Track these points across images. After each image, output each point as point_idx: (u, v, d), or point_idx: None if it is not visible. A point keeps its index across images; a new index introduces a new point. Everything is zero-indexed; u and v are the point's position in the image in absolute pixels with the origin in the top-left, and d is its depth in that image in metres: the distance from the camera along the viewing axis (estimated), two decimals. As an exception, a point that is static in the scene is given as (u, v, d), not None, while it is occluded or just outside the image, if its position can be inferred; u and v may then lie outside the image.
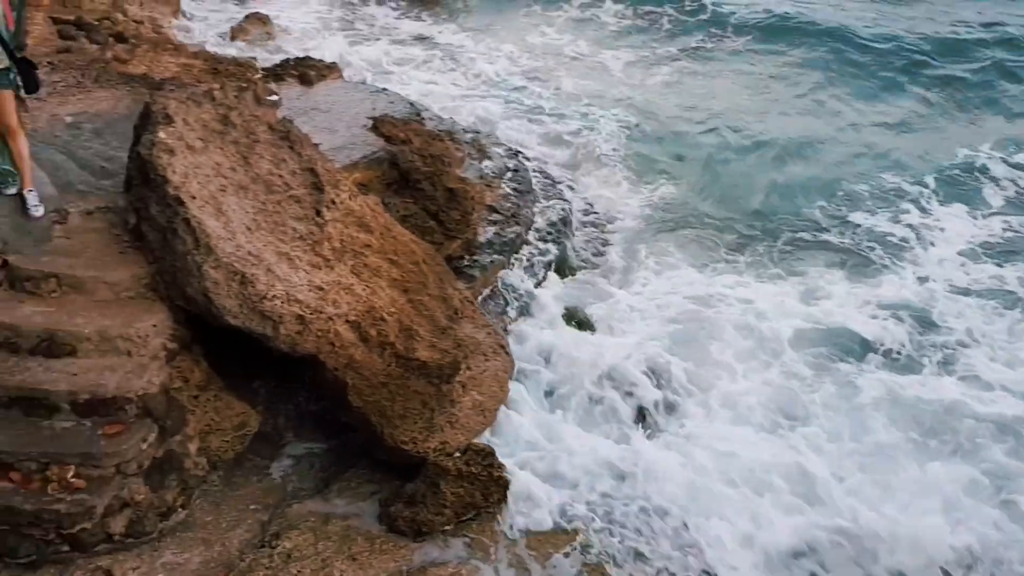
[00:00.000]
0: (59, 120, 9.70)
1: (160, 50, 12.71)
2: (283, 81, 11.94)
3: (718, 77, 17.32)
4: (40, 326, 6.89)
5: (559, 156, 13.51)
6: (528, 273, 10.41)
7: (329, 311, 7.41)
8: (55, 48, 12.06)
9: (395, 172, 10.26)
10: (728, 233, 12.11)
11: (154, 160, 7.21)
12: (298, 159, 8.04)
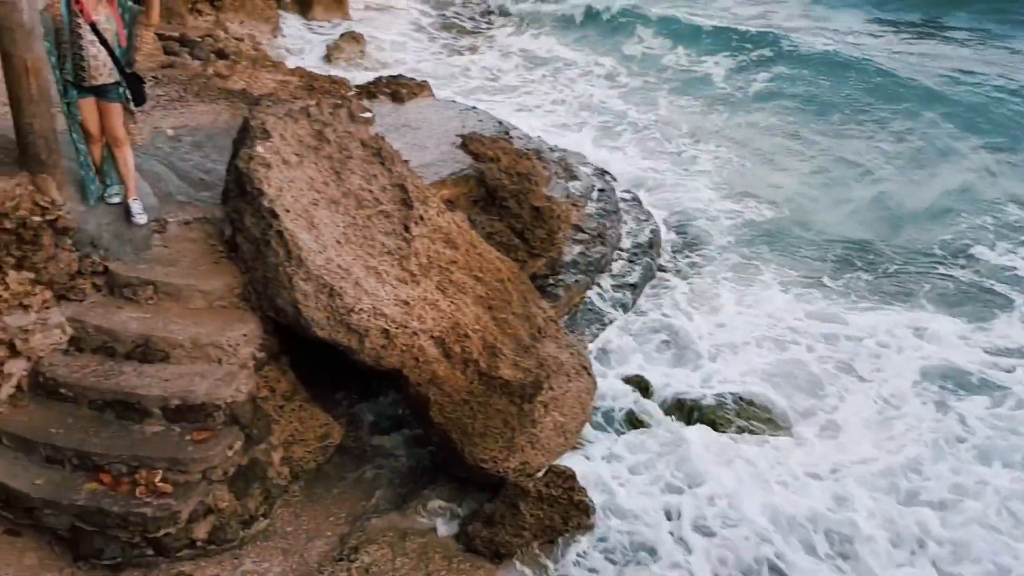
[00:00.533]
0: (162, 132, 10.00)
1: (258, 67, 13.04)
2: (376, 98, 12.14)
3: (821, 97, 16.95)
4: (136, 332, 7.10)
5: (648, 177, 13.44)
6: (613, 294, 10.36)
7: (414, 326, 7.47)
8: (160, 63, 12.47)
9: (482, 189, 10.33)
10: (829, 261, 11.82)
11: (251, 173, 7.38)
12: (389, 175, 8.15)
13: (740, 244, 11.98)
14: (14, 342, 6.89)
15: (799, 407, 9.05)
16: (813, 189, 13.63)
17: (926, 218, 12.91)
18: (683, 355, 9.73)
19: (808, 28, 21.34)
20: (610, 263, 10.80)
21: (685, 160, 14.34)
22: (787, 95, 16.84)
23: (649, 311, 10.42)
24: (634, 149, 14.58)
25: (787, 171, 14.14)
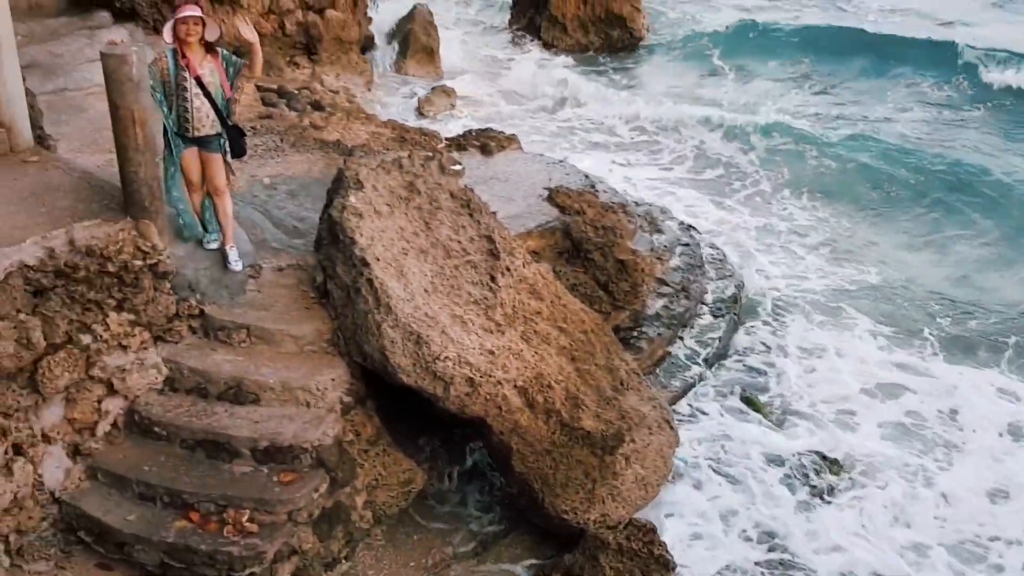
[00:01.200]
0: (258, 181, 10.34)
1: (352, 118, 13.41)
2: (465, 151, 12.36)
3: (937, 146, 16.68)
4: (229, 374, 7.31)
5: (735, 235, 13.37)
6: (697, 348, 10.30)
7: (498, 375, 7.54)
8: (258, 114, 12.92)
9: (568, 241, 10.41)
10: (925, 318, 11.55)
11: (344, 223, 7.59)
12: (477, 226, 8.29)
13: (829, 299, 11.79)
14: (112, 381, 7.15)
15: (891, 463, 8.87)
16: (911, 250, 13.35)
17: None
18: (765, 411, 9.62)
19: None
20: (694, 317, 10.75)
21: (775, 215, 14.21)
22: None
23: (732, 366, 10.32)
24: (726, 203, 14.52)
25: (882, 231, 13.89)
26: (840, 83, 19.72)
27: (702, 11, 24.60)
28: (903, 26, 22.50)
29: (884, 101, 18.62)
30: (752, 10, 24.64)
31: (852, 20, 23.52)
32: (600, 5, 20.39)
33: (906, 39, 21.20)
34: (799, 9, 25.32)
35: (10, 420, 6.49)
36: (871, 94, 19.11)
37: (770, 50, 21.14)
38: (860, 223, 14.08)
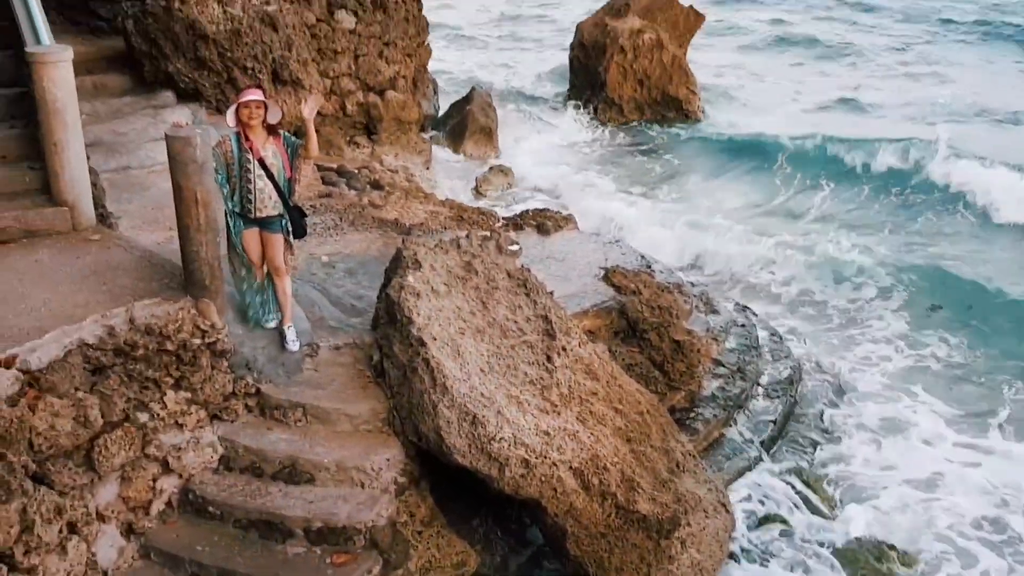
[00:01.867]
0: (316, 259, 10.45)
1: (411, 197, 13.56)
2: (522, 230, 12.40)
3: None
4: (284, 453, 7.30)
5: (791, 319, 13.18)
6: (753, 430, 10.09)
7: (554, 457, 7.42)
8: (318, 193, 13.12)
9: (623, 321, 10.33)
10: (1006, 402, 11.16)
11: (402, 302, 7.61)
12: (533, 306, 8.26)
13: (892, 380, 11.51)
14: (167, 460, 7.18)
15: (963, 554, 8.53)
16: (974, 331, 13.02)
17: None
18: (825, 495, 9.35)
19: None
20: (750, 399, 10.56)
21: (829, 298, 14.00)
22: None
23: (789, 448, 10.08)
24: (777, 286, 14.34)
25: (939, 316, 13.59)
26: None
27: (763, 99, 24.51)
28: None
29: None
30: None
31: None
32: (656, 88, 20.58)
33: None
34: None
35: (65, 498, 6.51)
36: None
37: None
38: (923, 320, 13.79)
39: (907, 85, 25.57)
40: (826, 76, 26.47)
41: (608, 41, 20.73)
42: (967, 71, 26.96)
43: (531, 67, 26.63)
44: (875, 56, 28.39)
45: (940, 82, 25.65)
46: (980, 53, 28.67)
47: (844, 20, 32.59)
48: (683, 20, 21.74)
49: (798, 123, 21.21)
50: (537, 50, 28.93)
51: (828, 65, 26.96)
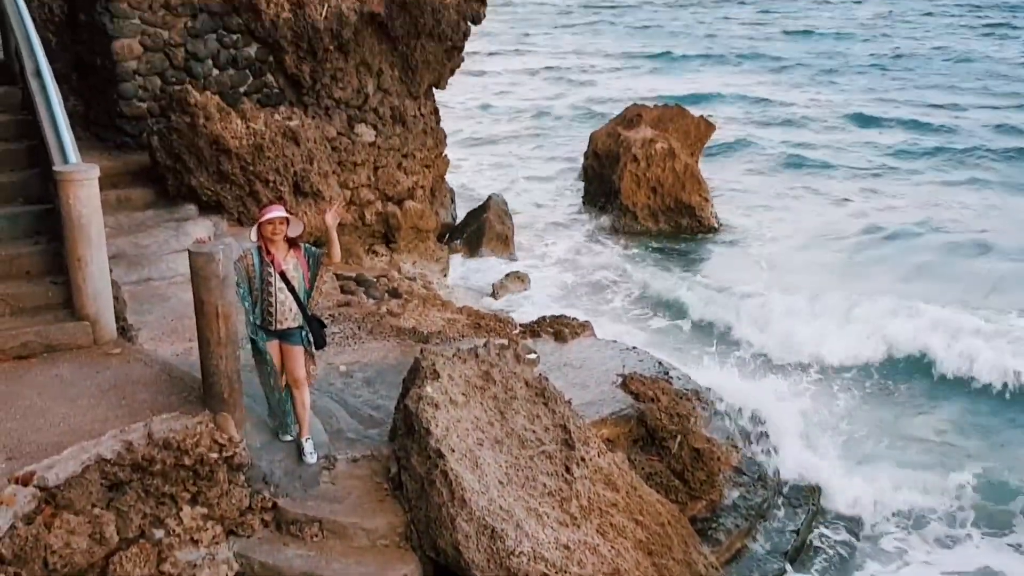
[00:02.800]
0: (334, 369, 10.47)
1: (429, 305, 13.63)
2: (539, 336, 12.42)
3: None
4: (300, 569, 7.17)
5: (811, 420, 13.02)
6: (776, 540, 9.89)
7: (574, 571, 7.28)
8: (336, 302, 13.22)
9: (642, 429, 10.25)
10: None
11: (420, 413, 7.59)
12: (551, 416, 8.21)
13: (920, 495, 11.28)
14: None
15: None
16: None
17: None
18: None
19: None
20: (772, 508, 10.39)
21: (853, 408, 13.85)
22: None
23: (813, 560, 9.85)
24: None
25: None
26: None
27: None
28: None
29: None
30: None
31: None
32: (670, 195, 20.81)
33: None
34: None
35: (80, 617, 6.42)
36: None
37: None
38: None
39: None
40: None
41: (621, 150, 21.07)
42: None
43: (547, 174, 27.05)
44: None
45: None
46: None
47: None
48: (694, 129, 22.13)
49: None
50: (552, 157, 29.42)
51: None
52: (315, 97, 15.55)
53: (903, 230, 22.02)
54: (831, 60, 48.09)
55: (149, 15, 13.83)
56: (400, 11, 16.12)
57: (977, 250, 20.75)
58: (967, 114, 34.52)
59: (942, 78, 42.52)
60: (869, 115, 34.11)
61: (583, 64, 48.31)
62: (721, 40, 56.70)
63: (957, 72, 43.72)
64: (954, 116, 34.17)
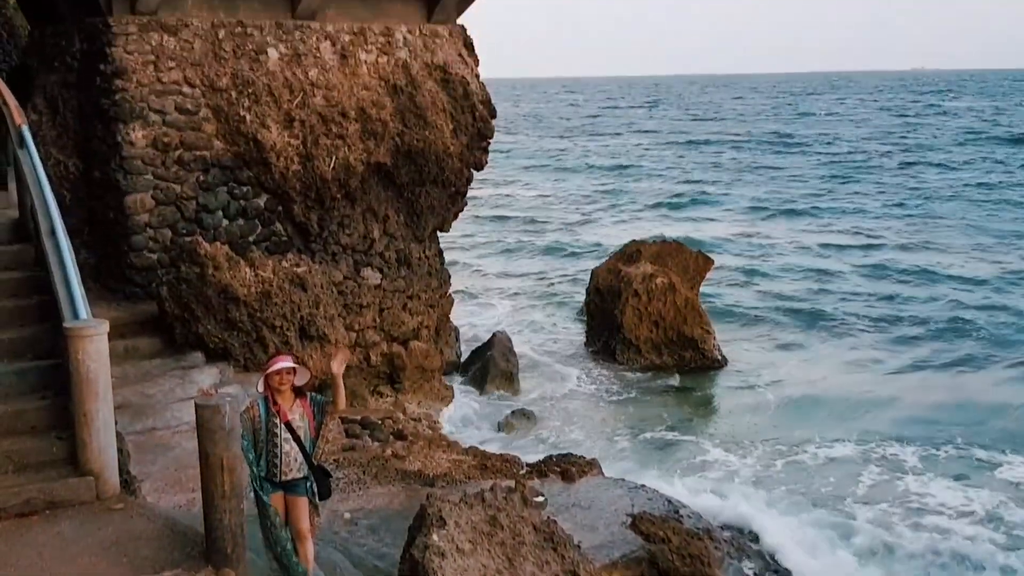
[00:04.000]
0: (338, 516, 10.38)
1: (434, 446, 13.58)
2: (546, 476, 12.33)
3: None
4: None
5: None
6: None
7: None
8: (341, 446, 13.18)
9: (654, 571, 10.08)
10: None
11: (426, 563, 7.49)
12: (561, 561, 8.11)
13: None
14: None
15: None
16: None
17: None
18: None
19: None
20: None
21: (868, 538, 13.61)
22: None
23: None
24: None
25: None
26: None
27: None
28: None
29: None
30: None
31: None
32: (672, 328, 20.95)
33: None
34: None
35: None
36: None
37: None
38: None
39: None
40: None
41: (622, 286, 21.32)
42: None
43: (551, 310, 27.30)
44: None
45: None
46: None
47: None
48: (693, 264, 22.41)
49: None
50: (554, 292, 29.74)
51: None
52: (322, 244, 15.90)
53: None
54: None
55: (162, 171, 14.29)
56: (406, 160, 16.65)
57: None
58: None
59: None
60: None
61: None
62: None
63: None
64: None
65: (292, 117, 15.33)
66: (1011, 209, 44.27)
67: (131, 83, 13.95)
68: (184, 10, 14.67)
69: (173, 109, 14.36)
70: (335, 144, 15.76)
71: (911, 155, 67.92)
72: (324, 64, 15.86)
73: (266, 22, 15.30)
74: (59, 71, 14.93)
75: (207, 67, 14.65)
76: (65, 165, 14.68)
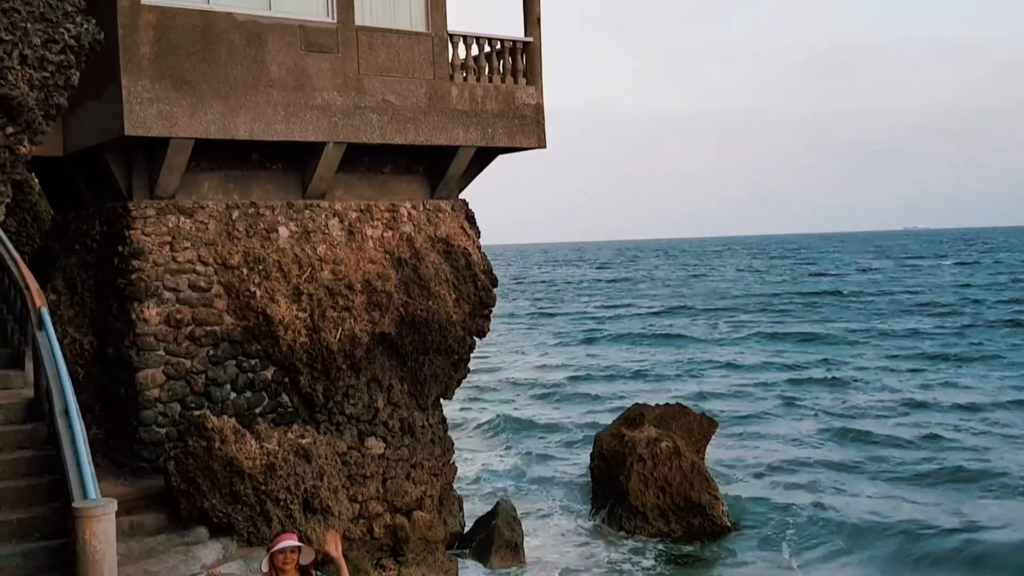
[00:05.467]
0: None
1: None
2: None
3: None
4: None
5: None
6: None
7: None
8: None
9: None
10: None
11: None
12: None
13: None
14: None
15: None
16: None
17: None
18: None
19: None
20: None
21: None
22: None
23: None
24: None
25: None
26: None
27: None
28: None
29: None
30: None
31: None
32: (679, 494, 20.82)
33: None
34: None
35: None
36: None
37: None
38: None
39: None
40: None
41: (627, 451, 21.34)
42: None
43: (556, 479, 27.20)
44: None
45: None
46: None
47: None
48: (697, 427, 22.52)
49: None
50: (560, 459, 29.69)
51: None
52: (327, 414, 16.16)
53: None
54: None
55: (174, 346, 14.72)
56: (410, 330, 17.08)
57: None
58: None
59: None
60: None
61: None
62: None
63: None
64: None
65: (300, 291, 15.85)
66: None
67: (147, 263, 14.55)
68: (200, 193, 15.42)
69: (187, 287, 14.91)
70: (341, 316, 16.23)
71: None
72: (332, 240, 16.52)
73: (278, 202, 16.04)
74: (79, 253, 15.59)
75: (220, 246, 15.29)
76: (80, 343, 15.13)
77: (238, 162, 15.89)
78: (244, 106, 14.84)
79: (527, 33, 18.52)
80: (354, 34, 16.13)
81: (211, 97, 14.53)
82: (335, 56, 15.90)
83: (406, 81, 16.74)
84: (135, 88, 13.85)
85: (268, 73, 15.12)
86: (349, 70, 16.04)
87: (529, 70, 18.42)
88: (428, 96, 17.00)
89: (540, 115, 18.59)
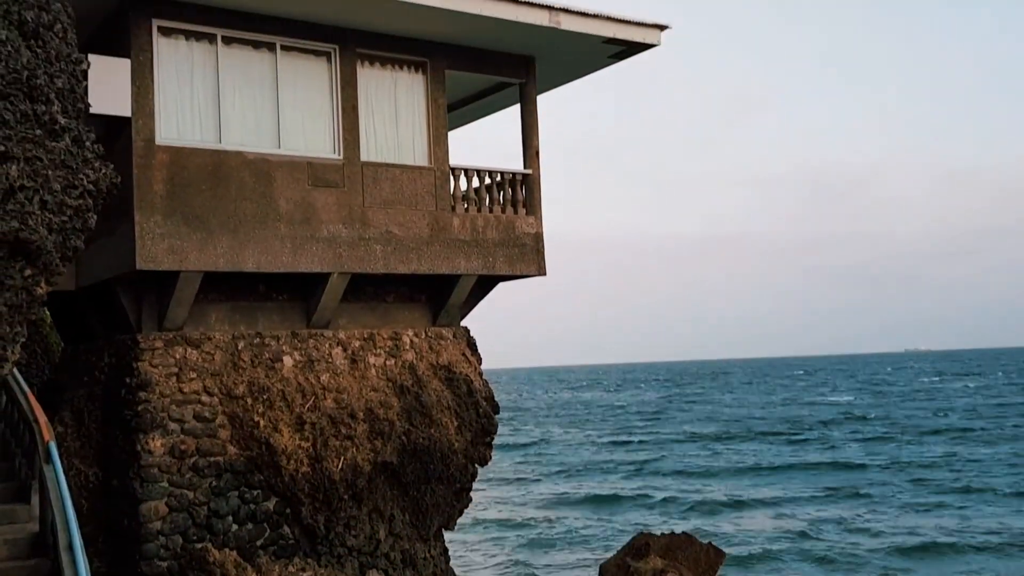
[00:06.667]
0: None
1: None
2: None
3: None
4: None
5: None
6: None
7: None
8: None
9: None
10: None
11: None
12: None
13: None
14: None
15: None
16: None
17: None
18: None
19: None
20: None
21: None
22: None
23: None
24: None
25: None
26: None
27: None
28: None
29: None
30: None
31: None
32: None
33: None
34: None
35: None
36: None
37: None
38: None
39: None
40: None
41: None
42: None
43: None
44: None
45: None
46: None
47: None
48: (704, 558, 22.25)
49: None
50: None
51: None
52: (329, 546, 16.05)
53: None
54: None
55: (177, 477, 14.74)
56: (412, 459, 17.10)
57: None
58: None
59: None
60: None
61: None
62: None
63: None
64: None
65: (303, 420, 15.95)
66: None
67: (154, 394, 14.71)
68: (208, 325, 15.70)
69: (191, 418, 15.04)
70: (344, 444, 16.28)
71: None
72: (335, 368, 16.70)
73: (283, 332, 16.30)
74: (87, 385, 15.78)
75: (225, 376, 15.47)
76: (86, 475, 15.17)
77: (245, 293, 16.23)
78: (252, 240, 15.25)
79: (526, 165, 19.10)
80: (359, 169, 16.68)
81: (220, 231, 14.95)
82: (341, 190, 16.40)
83: (409, 213, 17.20)
84: (148, 224, 14.28)
85: (276, 208, 15.58)
86: (354, 203, 16.52)
87: (529, 200, 18.92)
88: (431, 227, 17.45)
89: (540, 243, 19.01)
